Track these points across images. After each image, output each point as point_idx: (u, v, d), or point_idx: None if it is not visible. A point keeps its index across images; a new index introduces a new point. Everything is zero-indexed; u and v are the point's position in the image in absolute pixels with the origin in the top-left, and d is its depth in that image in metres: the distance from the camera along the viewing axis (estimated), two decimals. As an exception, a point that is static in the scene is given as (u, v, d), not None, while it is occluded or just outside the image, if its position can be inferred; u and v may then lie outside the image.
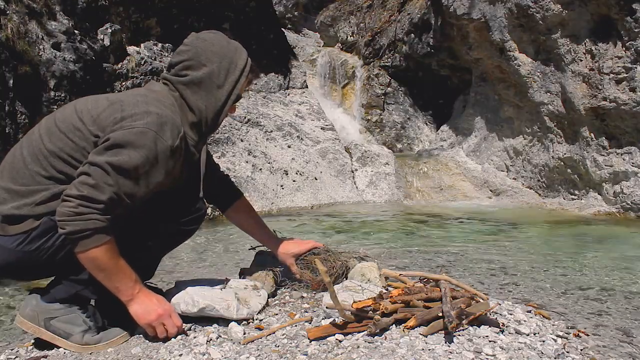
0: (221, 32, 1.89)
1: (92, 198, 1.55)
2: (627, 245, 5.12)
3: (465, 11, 8.16)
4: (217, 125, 1.84)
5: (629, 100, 6.24)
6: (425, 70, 10.20)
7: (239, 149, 7.50)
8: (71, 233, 1.54)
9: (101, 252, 1.58)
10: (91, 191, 1.54)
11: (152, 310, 1.68)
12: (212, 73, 1.76)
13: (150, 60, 6.79)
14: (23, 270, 1.71)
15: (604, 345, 2.03)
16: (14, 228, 1.60)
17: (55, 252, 1.64)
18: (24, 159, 1.65)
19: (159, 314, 1.69)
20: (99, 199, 1.55)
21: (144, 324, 1.70)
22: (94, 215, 1.55)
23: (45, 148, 1.64)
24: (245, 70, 1.81)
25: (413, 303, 1.79)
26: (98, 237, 1.56)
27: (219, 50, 1.79)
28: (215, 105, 1.78)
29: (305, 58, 11.72)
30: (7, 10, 5.22)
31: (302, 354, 1.58)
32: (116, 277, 1.63)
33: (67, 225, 1.54)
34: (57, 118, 1.70)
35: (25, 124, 5.04)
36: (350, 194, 7.94)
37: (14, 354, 1.76)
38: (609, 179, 6.61)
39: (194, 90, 1.76)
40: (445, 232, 5.72)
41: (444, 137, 9.53)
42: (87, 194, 1.54)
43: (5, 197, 1.63)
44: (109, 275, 1.62)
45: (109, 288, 1.66)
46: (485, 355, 1.56)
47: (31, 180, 1.63)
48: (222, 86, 1.78)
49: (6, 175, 1.67)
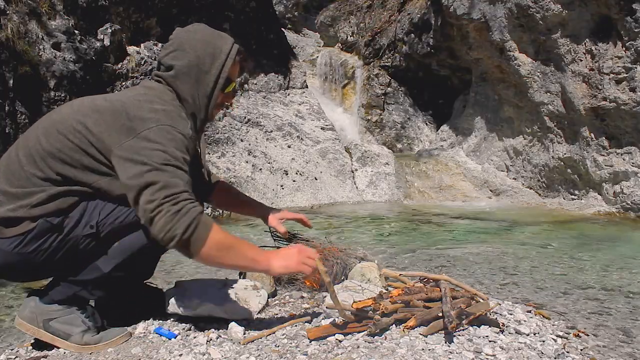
0: (205, 24, 1.90)
1: (172, 193, 1.52)
2: (627, 245, 5.12)
3: (465, 11, 8.16)
4: (209, 113, 1.83)
5: (629, 100, 6.23)
6: (425, 70, 10.20)
7: (239, 149, 7.50)
8: (185, 231, 1.50)
9: (217, 232, 1.57)
10: (166, 191, 1.52)
11: (290, 256, 1.70)
12: (198, 59, 1.77)
13: (150, 60, 6.78)
14: (20, 272, 1.70)
15: (604, 345, 2.03)
16: (10, 230, 1.59)
17: (53, 254, 1.63)
18: (19, 161, 1.64)
19: (299, 251, 1.71)
20: (178, 190, 1.53)
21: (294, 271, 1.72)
22: (187, 204, 1.52)
23: (42, 149, 1.63)
24: (230, 54, 1.82)
25: (413, 303, 1.79)
26: (205, 220, 1.55)
27: (201, 37, 1.81)
28: (205, 90, 1.79)
29: (305, 58, 11.72)
30: (7, 10, 5.22)
31: (302, 354, 1.58)
32: (246, 247, 1.65)
33: (176, 228, 1.49)
34: (54, 119, 1.69)
35: (25, 124, 5.04)
36: (350, 194, 7.94)
37: (14, 354, 1.76)
38: (609, 179, 6.61)
39: (184, 79, 1.77)
40: (445, 232, 5.72)
41: (444, 137, 9.53)
42: (165, 194, 1.51)
43: (1, 200, 1.62)
44: (239, 249, 1.62)
45: (244, 266, 1.70)
46: (485, 355, 1.56)
47: (27, 181, 1.62)
48: (208, 71, 1.79)
49: (1, 177, 1.65)
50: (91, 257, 1.68)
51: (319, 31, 13.75)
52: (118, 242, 1.67)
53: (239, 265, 1.68)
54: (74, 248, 1.64)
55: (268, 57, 8.76)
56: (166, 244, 1.52)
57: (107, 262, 1.68)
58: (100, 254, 1.68)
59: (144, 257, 1.77)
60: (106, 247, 1.67)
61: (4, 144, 4.78)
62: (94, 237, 1.65)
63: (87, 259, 1.68)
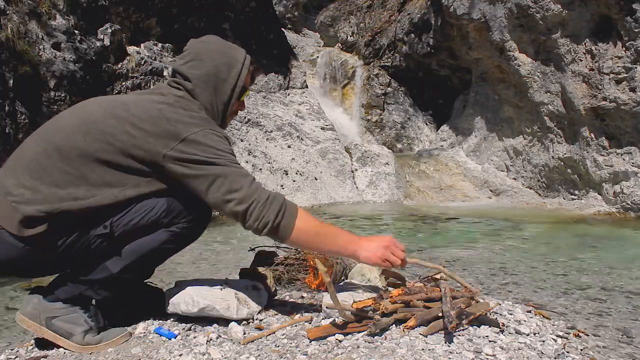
0: (217, 36, 1.97)
1: (256, 186, 1.64)
2: (627, 245, 5.12)
3: (465, 11, 8.16)
4: (225, 119, 1.92)
5: (629, 100, 6.24)
6: (425, 70, 10.20)
7: (239, 149, 7.50)
8: (275, 218, 1.63)
9: (303, 217, 1.68)
10: (250, 184, 1.64)
11: (378, 247, 1.74)
12: (216, 68, 1.84)
13: (150, 60, 6.78)
14: (29, 268, 1.71)
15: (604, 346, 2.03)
16: (28, 231, 1.58)
17: (64, 252, 1.63)
18: (50, 156, 1.62)
19: (386, 246, 1.75)
20: (256, 183, 1.66)
21: (378, 262, 1.76)
22: (270, 192, 1.66)
23: (79, 147, 1.62)
24: (245, 63, 1.90)
25: (413, 303, 1.79)
26: (290, 207, 1.67)
27: (217, 47, 1.88)
28: (223, 98, 1.86)
29: (305, 58, 11.73)
30: (7, 10, 5.22)
31: (302, 354, 1.58)
32: (334, 233, 1.74)
33: (269, 215, 1.62)
34: (89, 119, 1.67)
35: (25, 124, 5.04)
36: (350, 194, 7.94)
37: (14, 354, 1.76)
38: (609, 179, 6.61)
39: (203, 88, 1.82)
40: (445, 232, 5.72)
41: (444, 137, 9.54)
42: (251, 187, 1.63)
43: (30, 198, 1.59)
44: (327, 235, 1.73)
45: (334, 252, 1.79)
46: (485, 355, 1.56)
47: (60, 179, 1.60)
48: (226, 80, 1.85)
49: (28, 173, 1.62)
50: (102, 257, 1.68)
51: (319, 31, 13.76)
52: (130, 243, 1.68)
53: (329, 250, 1.79)
54: (85, 247, 1.64)
55: (268, 57, 8.76)
56: (260, 232, 1.64)
57: (116, 263, 1.69)
58: (111, 255, 1.68)
59: (153, 260, 1.78)
60: (118, 248, 1.68)
61: (4, 144, 4.78)
62: (107, 238, 1.65)
63: (97, 259, 1.68)
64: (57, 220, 1.60)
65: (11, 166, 1.68)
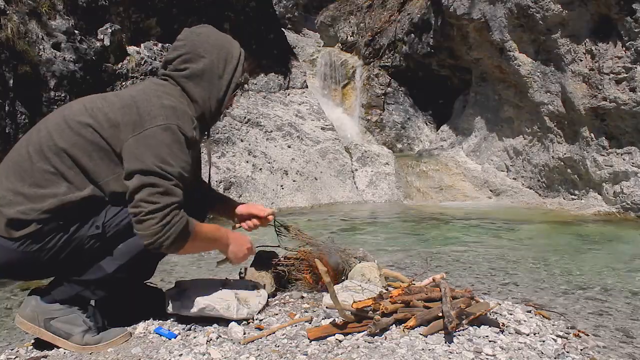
0: (211, 26, 1.94)
1: (169, 203, 1.60)
2: (627, 245, 5.12)
3: (465, 11, 8.16)
4: (219, 115, 1.91)
5: (629, 100, 6.23)
6: (425, 70, 10.20)
7: (239, 149, 7.50)
8: (171, 245, 1.62)
9: (199, 228, 1.71)
10: (165, 198, 1.59)
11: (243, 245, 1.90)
12: (212, 64, 1.82)
13: (150, 60, 6.78)
14: (24, 271, 1.71)
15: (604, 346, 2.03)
16: (18, 232, 1.59)
17: (58, 253, 1.63)
18: (30, 157, 1.64)
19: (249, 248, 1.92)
20: (173, 201, 1.61)
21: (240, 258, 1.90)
22: (177, 215, 1.62)
23: (54, 144, 1.63)
24: (240, 59, 1.89)
25: (413, 303, 1.79)
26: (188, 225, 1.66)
27: (214, 42, 1.85)
28: (218, 94, 1.85)
29: (305, 58, 11.72)
30: (7, 10, 5.22)
31: (302, 354, 1.58)
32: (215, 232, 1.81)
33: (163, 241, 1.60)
34: (66, 115, 1.69)
35: (25, 124, 5.04)
36: (350, 194, 7.94)
37: (14, 354, 1.76)
38: (609, 179, 6.60)
39: (196, 82, 1.81)
40: (445, 232, 5.72)
41: (444, 137, 9.53)
42: (163, 203, 1.59)
43: (12, 200, 1.61)
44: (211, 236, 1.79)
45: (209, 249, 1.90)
46: (485, 355, 1.56)
47: (40, 178, 1.61)
48: (222, 76, 1.84)
49: (12, 175, 1.64)
50: (95, 258, 1.68)
51: (319, 31, 13.75)
52: (123, 243, 1.68)
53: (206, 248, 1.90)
54: (79, 248, 1.64)
55: (268, 57, 8.76)
56: (148, 248, 1.62)
57: (111, 263, 1.69)
58: (105, 255, 1.68)
59: (148, 259, 1.78)
60: (111, 248, 1.68)
61: (4, 144, 4.78)
62: (100, 238, 1.65)
63: (91, 259, 1.68)
64: (46, 220, 1.60)
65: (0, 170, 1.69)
